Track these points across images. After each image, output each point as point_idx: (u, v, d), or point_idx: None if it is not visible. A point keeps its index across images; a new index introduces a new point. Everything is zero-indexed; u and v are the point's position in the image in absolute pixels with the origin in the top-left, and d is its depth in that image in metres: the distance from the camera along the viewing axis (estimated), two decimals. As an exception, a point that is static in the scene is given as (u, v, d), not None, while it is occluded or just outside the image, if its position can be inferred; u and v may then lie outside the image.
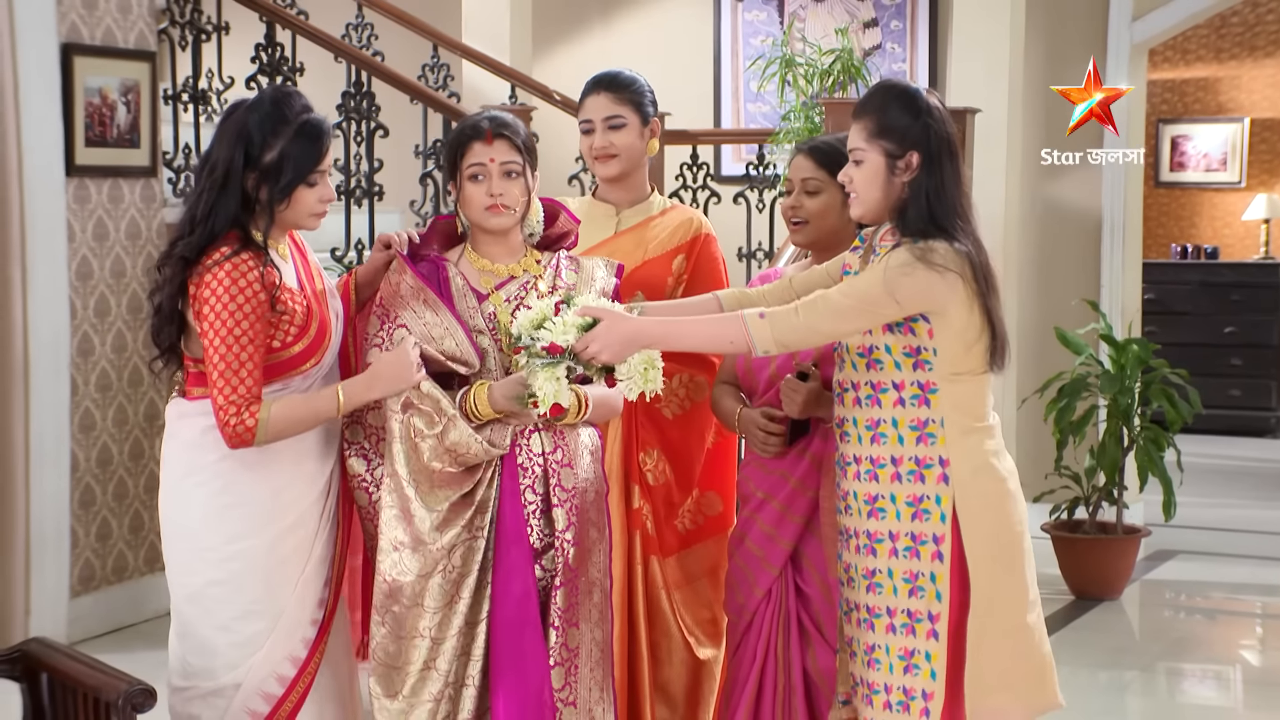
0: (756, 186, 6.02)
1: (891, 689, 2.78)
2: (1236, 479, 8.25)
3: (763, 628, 3.10)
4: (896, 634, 2.78)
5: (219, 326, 2.79)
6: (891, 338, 2.77)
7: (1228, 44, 9.62)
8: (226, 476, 2.87)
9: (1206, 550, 6.75)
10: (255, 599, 2.88)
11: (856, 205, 2.87)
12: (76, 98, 5.15)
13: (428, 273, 2.97)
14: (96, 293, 5.31)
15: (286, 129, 2.82)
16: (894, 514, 2.79)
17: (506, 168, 2.96)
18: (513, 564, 2.90)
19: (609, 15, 8.02)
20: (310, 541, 2.93)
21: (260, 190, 2.84)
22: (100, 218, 5.31)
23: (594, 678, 2.97)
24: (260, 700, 2.88)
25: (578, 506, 2.97)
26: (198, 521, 2.89)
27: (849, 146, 2.88)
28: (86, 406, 5.29)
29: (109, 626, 5.33)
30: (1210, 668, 5.49)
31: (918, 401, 2.78)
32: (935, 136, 2.79)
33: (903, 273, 2.71)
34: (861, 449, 2.82)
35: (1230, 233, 9.75)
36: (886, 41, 7.53)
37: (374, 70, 5.73)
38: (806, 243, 3.16)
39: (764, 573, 3.10)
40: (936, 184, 2.77)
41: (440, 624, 2.88)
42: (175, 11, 5.66)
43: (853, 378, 2.83)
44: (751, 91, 7.67)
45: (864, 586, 2.82)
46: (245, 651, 2.88)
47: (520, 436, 2.94)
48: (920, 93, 2.84)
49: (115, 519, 5.43)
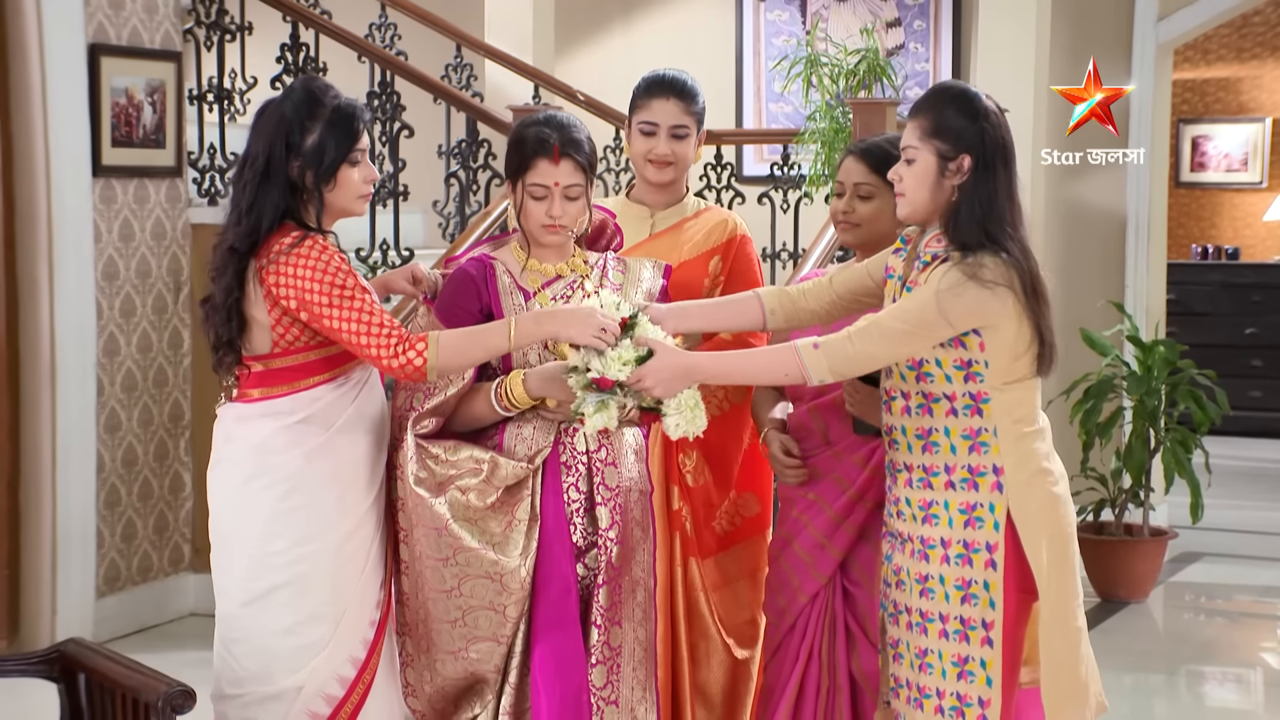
0: (781, 187, 6.00)
1: (945, 694, 2.77)
2: (1260, 481, 8.23)
3: (806, 629, 3.09)
4: (949, 640, 2.77)
5: (328, 292, 2.77)
6: (942, 351, 2.75)
7: (1249, 44, 9.58)
8: (296, 478, 2.84)
9: (1233, 552, 6.73)
10: (322, 602, 2.86)
11: (904, 205, 2.84)
12: (103, 98, 5.15)
13: (475, 271, 2.98)
14: (122, 293, 5.31)
15: (322, 112, 2.85)
16: (946, 521, 2.78)
17: (570, 191, 2.94)
18: (554, 561, 2.89)
19: (630, 15, 8.01)
20: (369, 542, 2.91)
21: (306, 175, 2.84)
22: (126, 218, 5.31)
23: (636, 677, 2.96)
24: (322, 702, 2.86)
25: (621, 505, 2.96)
26: (263, 525, 2.85)
27: (901, 144, 2.85)
28: (112, 407, 5.29)
29: (134, 627, 5.34)
30: (1233, 670, 5.47)
31: (970, 411, 2.76)
32: (990, 141, 2.76)
33: (955, 294, 2.69)
34: (913, 457, 2.81)
35: (1251, 233, 9.72)
36: (909, 41, 7.51)
37: (398, 70, 5.73)
38: (857, 244, 3.15)
39: (810, 580, 3.09)
40: (989, 190, 2.74)
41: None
42: (200, 12, 5.66)
43: (902, 387, 2.82)
44: (773, 91, 7.66)
45: (916, 591, 2.81)
46: (308, 655, 2.86)
47: (564, 435, 2.94)
48: (979, 96, 2.82)
49: (140, 519, 5.43)
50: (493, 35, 6.77)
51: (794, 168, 5.96)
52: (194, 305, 5.56)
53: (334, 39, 5.69)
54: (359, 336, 2.78)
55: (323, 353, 2.88)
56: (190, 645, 5.12)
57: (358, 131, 2.87)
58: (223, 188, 5.66)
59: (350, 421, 2.89)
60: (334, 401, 2.88)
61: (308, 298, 2.79)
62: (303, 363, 2.87)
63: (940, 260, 2.76)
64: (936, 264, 2.77)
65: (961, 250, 2.73)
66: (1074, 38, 6.90)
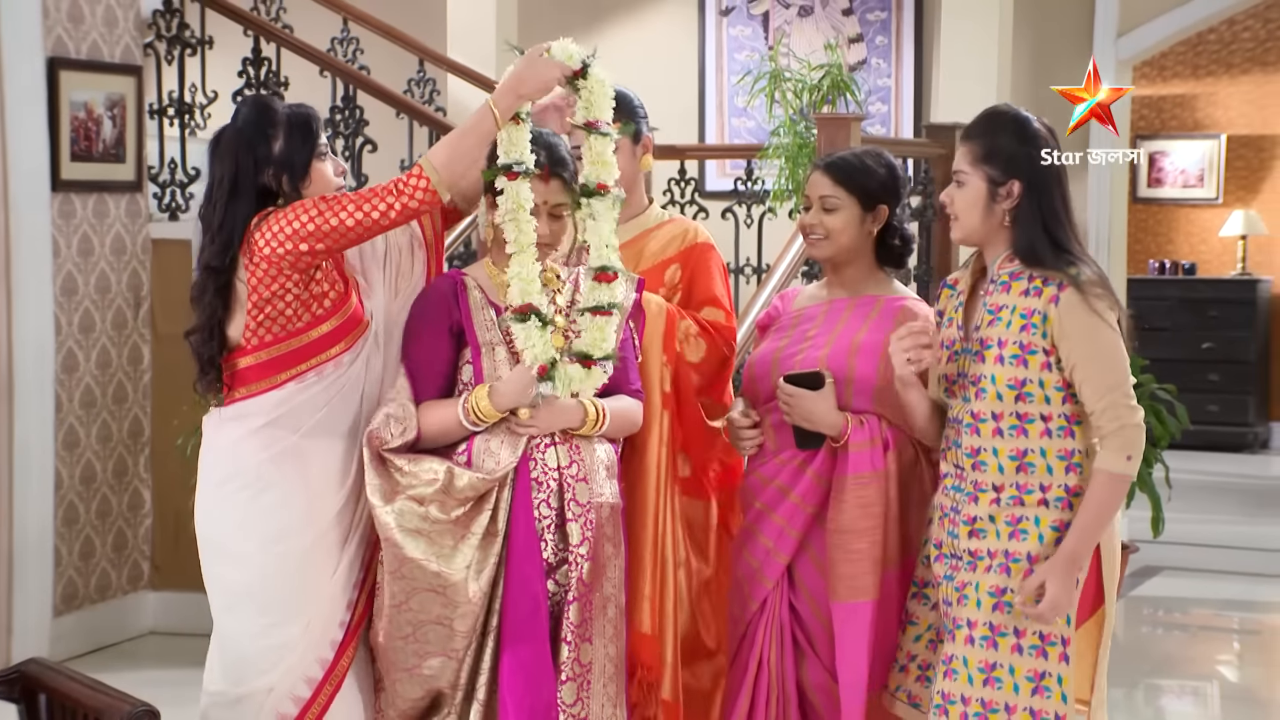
0: (745, 202, 6.02)
1: (1015, 709, 2.78)
2: (1220, 495, 8.30)
3: (756, 638, 3.10)
4: (1024, 655, 2.77)
5: (315, 205, 2.84)
6: (1049, 374, 2.79)
7: (1205, 61, 9.70)
8: (264, 480, 2.89)
9: (1193, 566, 6.79)
10: (290, 603, 2.89)
11: (957, 229, 2.90)
12: (62, 111, 5.12)
13: (445, 288, 2.98)
14: (81, 308, 5.27)
15: (278, 119, 2.94)
16: (1036, 536, 2.79)
17: (556, 210, 2.97)
18: (524, 578, 2.89)
19: (594, 31, 8.02)
20: (339, 546, 2.93)
21: (281, 180, 2.92)
22: (85, 233, 5.27)
23: (607, 693, 2.95)
24: (290, 703, 2.90)
25: (593, 522, 2.95)
26: (234, 526, 2.91)
27: (954, 168, 2.89)
28: (70, 423, 5.24)
29: (92, 645, 5.29)
30: (1191, 684, 5.52)
31: (1064, 433, 2.80)
32: (1040, 166, 2.81)
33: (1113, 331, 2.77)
34: (1005, 478, 2.80)
35: (1207, 249, 9.82)
36: (872, 57, 7.56)
37: (360, 84, 5.72)
38: (825, 257, 3.16)
39: (759, 586, 3.11)
40: (1044, 212, 2.80)
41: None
42: (161, 26, 5.63)
43: (995, 408, 2.81)
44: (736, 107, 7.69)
45: (990, 605, 2.80)
46: (278, 656, 2.89)
47: (535, 451, 2.94)
48: (1030, 120, 2.85)
49: (99, 537, 5.38)
50: (455, 50, 6.77)
51: (758, 183, 5.98)
52: (154, 321, 5.53)
53: (296, 53, 5.68)
54: (363, 214, 2.83)
55: (285, 347, 2.89)
56: (149, 664, 5.09)
57: (317, 130, 2.96)
58: (184, 203, 5.63)
59: (321, 426, 2.92)
60: (302, 404, 2.91)
61: (299, 222, 2.83)
62: (267, 360, 2.90)
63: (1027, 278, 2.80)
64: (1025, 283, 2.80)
65: (1037, 266, 2.79)
66: (1035, 55, 6.96)
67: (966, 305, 2.93)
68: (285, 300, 2.88)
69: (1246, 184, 9.70)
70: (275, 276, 2.86)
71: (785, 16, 7.69)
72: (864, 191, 3.09)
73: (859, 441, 3.00)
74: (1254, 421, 9.48)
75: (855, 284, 3.15)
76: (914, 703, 2.98)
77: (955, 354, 2.90)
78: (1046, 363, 2.78)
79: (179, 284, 5.48)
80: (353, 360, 2.95)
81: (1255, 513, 7.99)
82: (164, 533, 5.52)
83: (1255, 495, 8.51)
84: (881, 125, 7.56)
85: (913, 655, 2.99)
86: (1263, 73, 9.58)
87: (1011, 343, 2.79)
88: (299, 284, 2.87)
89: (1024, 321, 2.79)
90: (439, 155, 2.87)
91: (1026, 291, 2.81)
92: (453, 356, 2.98)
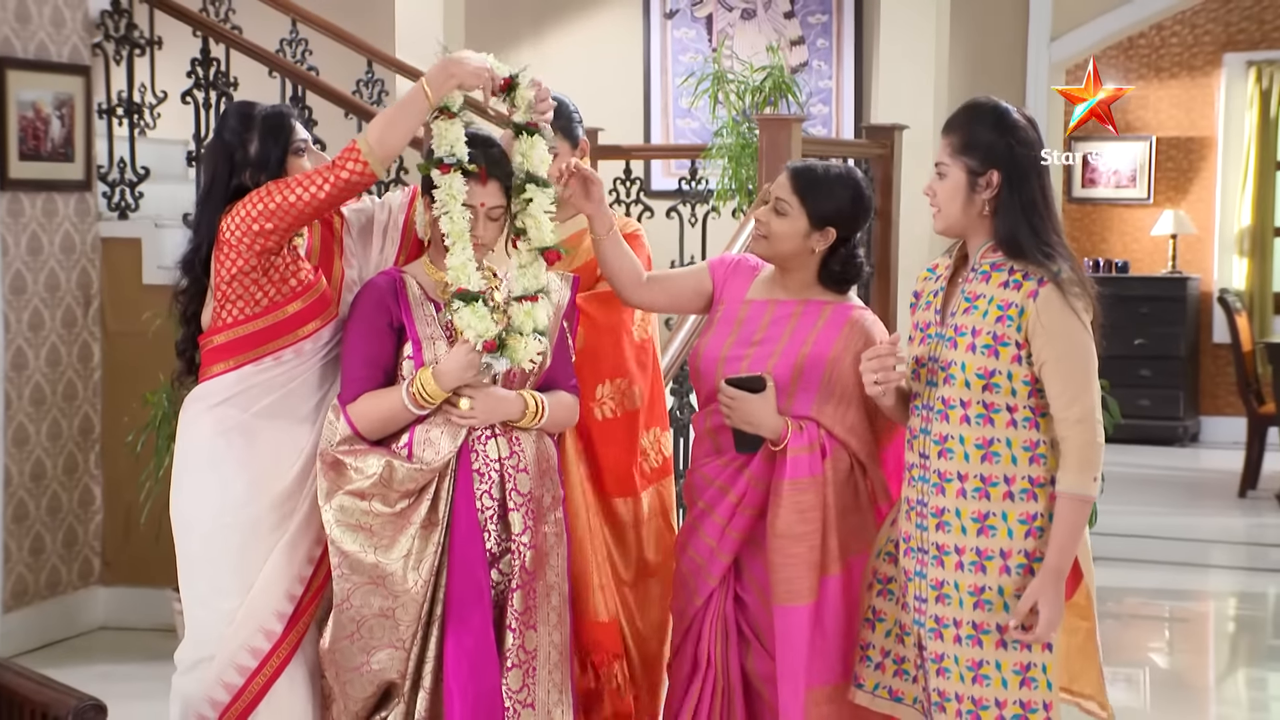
0: (689, 201, 6.12)
1: (1006, 704, 2.79)
2: (1150, 487, 8.48)
3: (701, 633, 3.14)
4: (1009, 650, 2.79)
5: (265, 190, 2.95)
6: (1018, 368, 2.79)
7: (1135, 65, 9.90)
8: (212, 455, 3.01)
9: (1124, 556, 6.92)
10: (230, 575, 2.99)
11: (939, 220, 2.90)
12: (9, 111, 5.13)
13: (384, 285, 3.03)
14: (30, 307, 5.28)
15: (253, 122, 3.06)
16: (1005, 532, 2.79)
17: (493, 212, 3.02)
18: (466, 567, 2.94)
19: (540, 32, 8.10)
20: (283, 524, 3.02)
21: (259, 179, 3.02)
22: (34, 231, 5.29)
23: (552, 679, 3.02)
24: (234, 672, 2.97)
25: (534, 511, 3.01)
26: (189, 500, 3.04)
27: (935, 160, 2.90)
28: (20, 421, 5.26)
29: (41, 641, 5.30)
30: (1123, 670, 5.65)
31: (1029, 424, 2.80)
32: (1019, 156, 2.81)
33: (1086, 332, 2.79)
34: (970, 466, 2.81)
35: (1139, 247, 10.02)
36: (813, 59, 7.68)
37: (309, 85, 5.75)
38: (763, 255, 3.18)
39: (704, 583, 3.15)
40: (1024, 201, 2.80)
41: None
42: (109, 26, 5.64)
43: (963, 395, 2.82)
44: (681, 108, 7.79)
45: (970, 603, 2.81)
46: (219, 625, 2.98)
47: (477, 443, 2.99)
48: (1009, 111, 2.86)
49: (49, 533, 5.39)
50: (404, 51, 6.82)
51: (701, 182, 6.09)
52: (104, 319, 5.54)
53: (245, 54, 5.70)
54: (305, 191, 2.93)
55: (252, 326, 2.99)
56: (100, 659, 5.12)
57: (290, 126, 3.07)
58: (133, 202, 5.65)
59: (273, 408, 3.02)
60: (256, 385, 3.02)
61: (254, 205, 2.95)
62: (235, 339, 3.00)
63: (1007, 270, 2.81)
64: (1005, 275, 2.81)
65: (1019, 257, 2.80)
66: (971, 58, 7.12)
67: (946, 291, 2.93)
68: (249, 280, 2.97)
69: (1176, 185, 9.92)
70: (235, 259, 2.96)
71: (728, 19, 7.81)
72: (816, 209, 3.09)
73: (797, 447, 3.02)
74: (1184, 416, 9.68)
75: (801, 289, 3.16)
76: (895, 697, 2.99)
77: (928, 337, 2.92)
78: (1017, 356, 2.79)
79: (129, 282, 5.53)
80: (317, 336, 3.03)
81: (1185, 504, 8.16)
82: (114, 529, 5.55)
83: (1185, 488, 8.69)
84: (823, 126, 7.69)
85: (886, 651, 3.00)
86: (1190, 77, 9.82)
87: (985, 332, 2.80)
88: (260, 265, 2.96)
89: (1000, 313, 2.80)
90: (373, 132, 2.96)
91: (1006, 284, 2.82)
92: (393, 352, 3.02)
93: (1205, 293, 9.80)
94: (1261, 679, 5.55)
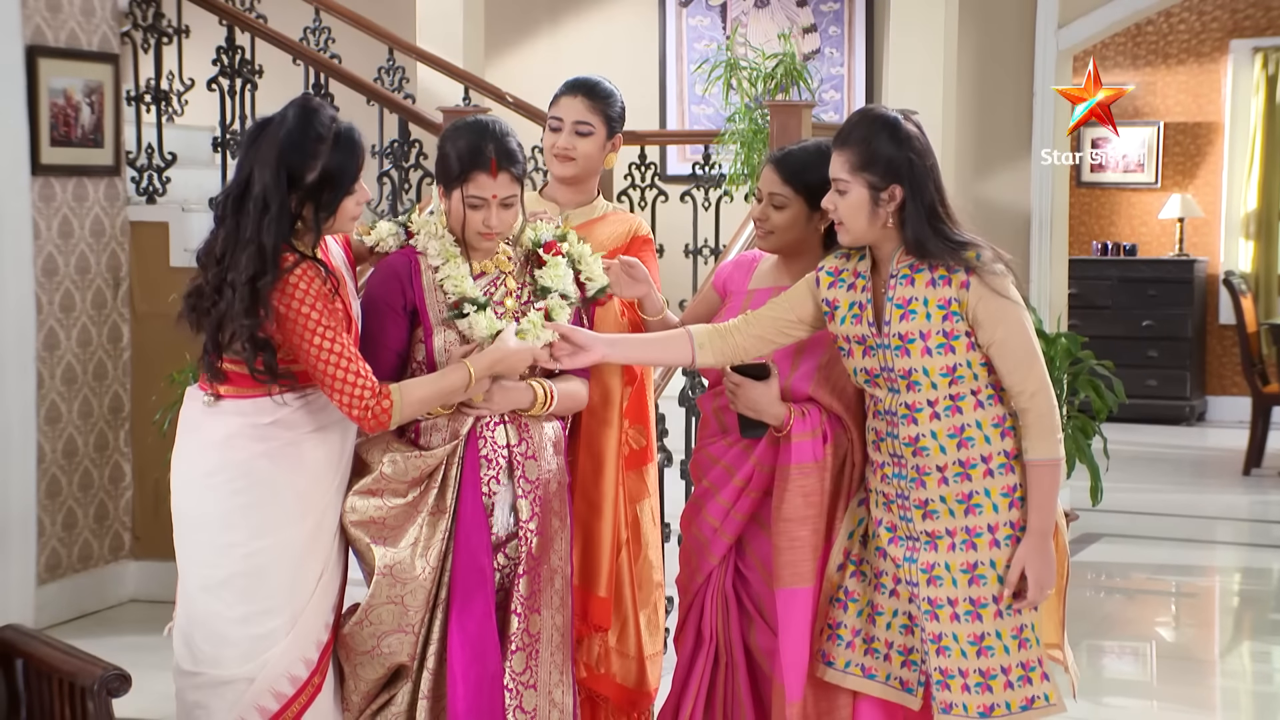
0: (703, 186, 6.23)
1: (1010, 669, 2.87)
2: (1156, 465, 8.58)
3: (704, 609, 3.18)
4: (1005, 618, 2.87)
5: (317, 328, 2.81)
6: (974, 353, 2.86)
7: (1143, 51, 9.99)
8: (254, 475, 2.89)
9: (1129, 533, 7.01)
10: (278, 595, 2.90)
11: (844, 234, 2.92)
12: (41, 98, 5.24)
13: (401, 267, 3.03)
14: (61, 288, 5.41)
15: (323, 146, 2.83)
16: (990, 507, 2.87)
17: (506, 201, 3.01)
18: (471, 552, 2.97)
19: (558, 20, 8.22)
20: (331, 542, 2.97)
21: (305, 208, 2.85)
22: (65, 215, 5.42)
23: (554, 661, 3.07)
24: (271, 698, 2.89)
25: (541, 497, 3.05)
26: (220, 517, 2.89)
27: (831, 175, 2.90)
28: (52, 399, 5.39)
29: (75, 613, 5.43)
30: (1129, 644, 5.74)
31: (993, 400, 2.88)
32: (917, 167, 2.85)
33: (1019, 307, 2.88)
34: (947, 456, 2.87)
35: (1147, 231, 10.12)
36: (825, 46, 7.79)
37: (332, 72, 5.86)
38: (772, 249, 3.21)
39: (705, 561, 3.18)
40: (929, 206, 2.85)
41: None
42: (138, 15, 5.77)
43: (930, 396, 2.87)
44: (695, 94, 7.90)
45: (965, 580, 2.88)
46: (262, 646, 2.89)
47: (485, 429, 3.03)
48: (900, 121, 2.88)
49: (81, 509, 5.53)
50: (424, 39, 6.93)
51: (715, 167, 6.20)
52: (133, 300, 5.67)
53: (269, 42, 5.81)
54: (338, 377, 2.83)
55: (296, 366, 2.91)
56: (129, 630, 5.23)
57: (359, 163, 2.88)
58: (161, 186, 5.78)
59: (319, 426, 2.94)
60: (299, 409, 2.93)
61: (299, 319, 2.83)
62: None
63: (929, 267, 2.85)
64: (929, 274, 2.85)
65: (928, 257, 2.85)
66: (980, 44, 7.23)
67: (874, 300, 2.93)
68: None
69: (1183, 169, 10.02)
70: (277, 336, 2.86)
71: (742, 7, 7.91)
72: (810, 190, 3.08)
73: (801, 432, 3.04)
74: (1190, 395, 9.78)
75: (805, 272, 3.13)
76: (869, 674, 3.02)
77: (870, 349, 2.93)
78: (970, 343, 2.85)
79: (156, 265, 5.65)
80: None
81: (1191, 482, 8.26)
82: (144, 504, 5.68)
83: (1190, 465, 8.79)
84: (835, 112, 7.79)
85: (857, 630, 3.02)
86: (1197, 63, 9.90)
87: (935, 333, 2.84)
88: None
89: (943, 311, 2.85)
90: (413, 394, 2.89)
91: (933, 282, 2.86)
92: (407, 335, 3.03)
93: (1211, 275, 9.89)
94: (1265, 652, 5.63)
